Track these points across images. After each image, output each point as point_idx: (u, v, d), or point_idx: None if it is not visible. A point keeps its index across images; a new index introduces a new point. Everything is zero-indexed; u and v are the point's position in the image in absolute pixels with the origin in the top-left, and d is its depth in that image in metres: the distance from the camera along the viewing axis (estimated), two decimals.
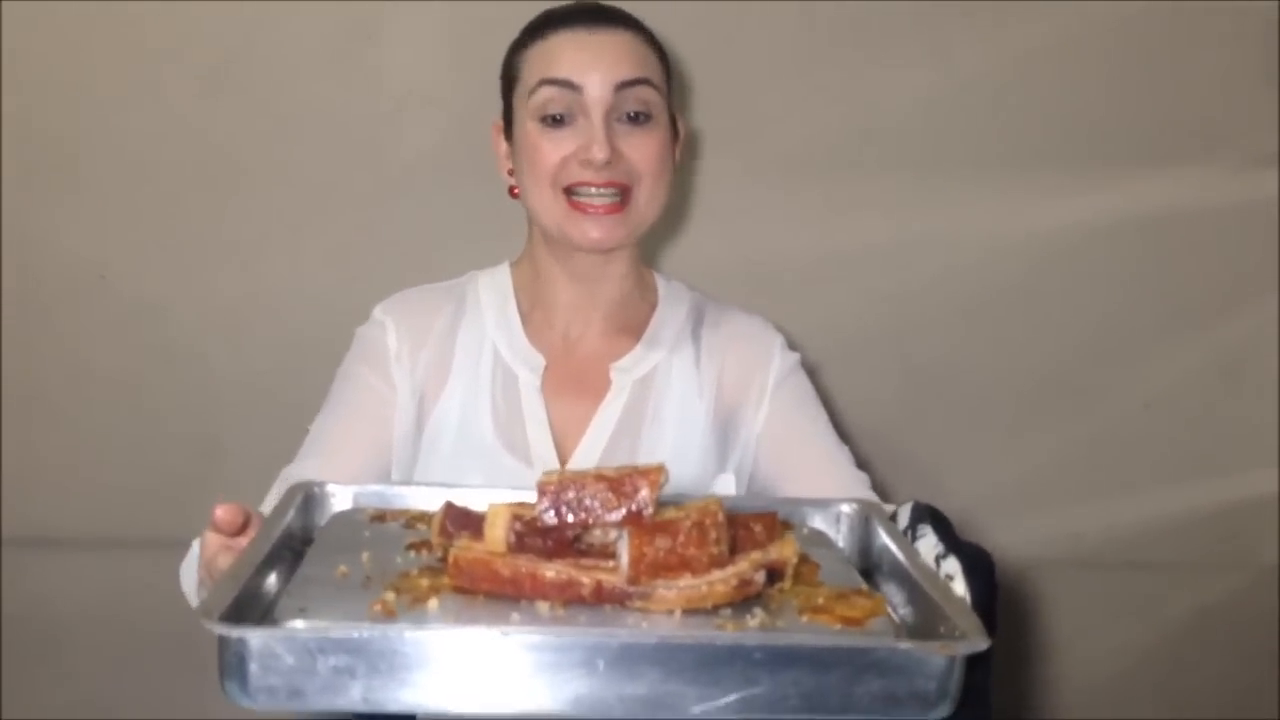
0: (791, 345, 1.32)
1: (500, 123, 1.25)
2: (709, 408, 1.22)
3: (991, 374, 1.76)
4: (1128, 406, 1.78)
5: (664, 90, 1.19)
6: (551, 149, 1.14)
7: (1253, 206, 1.71)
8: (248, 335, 1.70)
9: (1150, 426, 1.79)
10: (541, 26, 1.19)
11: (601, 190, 1.13)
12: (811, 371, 1.32)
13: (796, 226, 1.70)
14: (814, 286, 1.72)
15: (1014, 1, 1.64)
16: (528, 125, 1.16)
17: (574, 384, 1.22)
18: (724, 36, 1.64)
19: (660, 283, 1.31)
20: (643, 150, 1.15)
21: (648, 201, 1.16)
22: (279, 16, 1.61)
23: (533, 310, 1.25)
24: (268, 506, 1.12)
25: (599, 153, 1.12)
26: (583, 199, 1.14)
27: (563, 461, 1.17)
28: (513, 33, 1.57)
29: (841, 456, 1.23)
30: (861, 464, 1.26)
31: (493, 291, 1.26)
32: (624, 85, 1.14)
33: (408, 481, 1.19)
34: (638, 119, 1.15)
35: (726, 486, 1.21)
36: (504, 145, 1.24)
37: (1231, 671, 1.90)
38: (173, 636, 1.82)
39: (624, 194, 1.14)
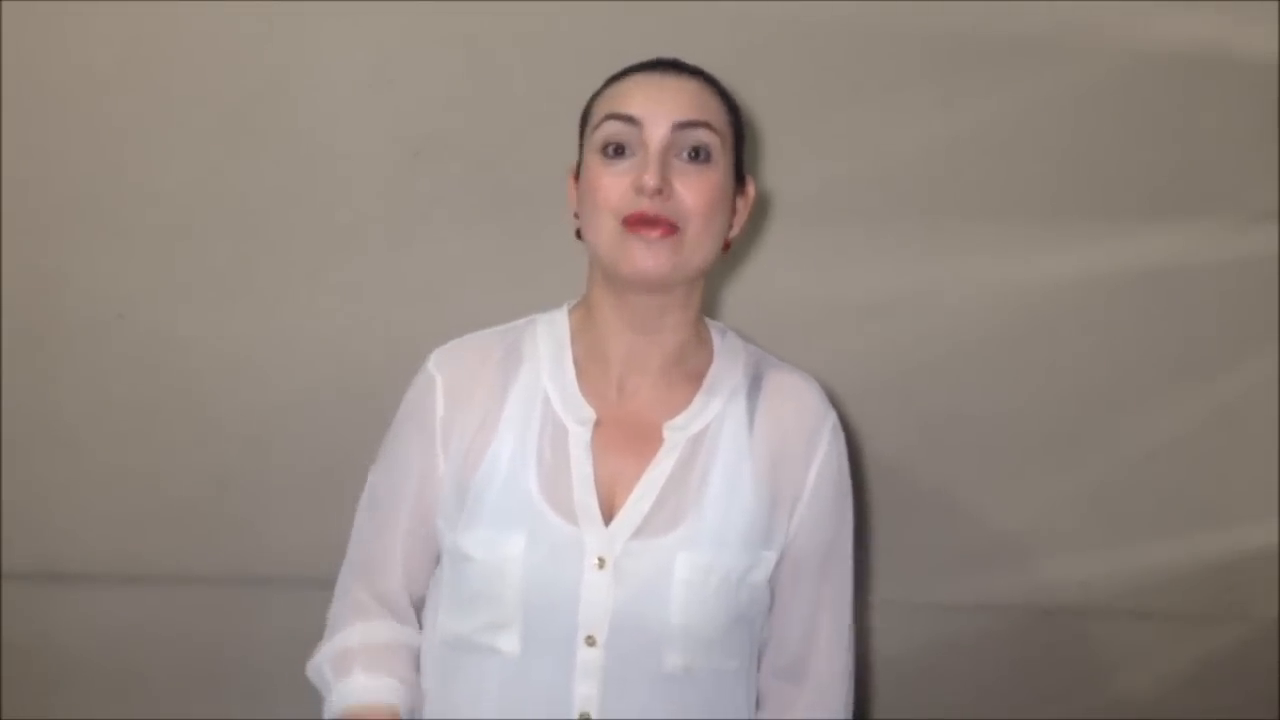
0: (839, 421, 1.31)
1: (574, 167, 1.26)
2: (756, 477, 1.21)
3: (996, 422, 1.77)
4: (1132, 456, 1.79)
5: (726, 137, 1.19)
6: (611, 181, 1.15)
7: (1254, 261, 1.73)
8: (263, 374, 1.71)
9: (1154, 476, 1.79)
10: (619, 75, 1.23)
11: (653, 220, 1.14)
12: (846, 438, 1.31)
13: (805, 274, 1.72)
14: (822, 332, 1.73)
15: (1021, 54, 1.66)
16: (590, 159, 1.18)
17: (625, 438, 1.20)
18: (736, 85, 1.67)
19: (716, 336, 1.29)
20: (697, 190, 1.15)
21: (696, 240, 1.16)
22: (299, 62, 1.64)
23: (588, 361, 1.24)
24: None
25: (650, 179, 1.12)
26: (637, 224, 1.14)
27: (608, 518, 1.17)
28: (529, 80, 1.62)
29: (830, 620, 1.26)
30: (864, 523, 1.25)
31: (550, 339, 1.25)
32: (682, 125, 1.15)
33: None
34: (696, 156, 1.16)
35: (768, 566, 1.21)
36: (574, 190, 1.25)
37: None
38: (183, 672, 1.84)
39: (673, 228, 1.14)
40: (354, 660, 1.21)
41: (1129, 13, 1.64)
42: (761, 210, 1.71)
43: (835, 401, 1.69)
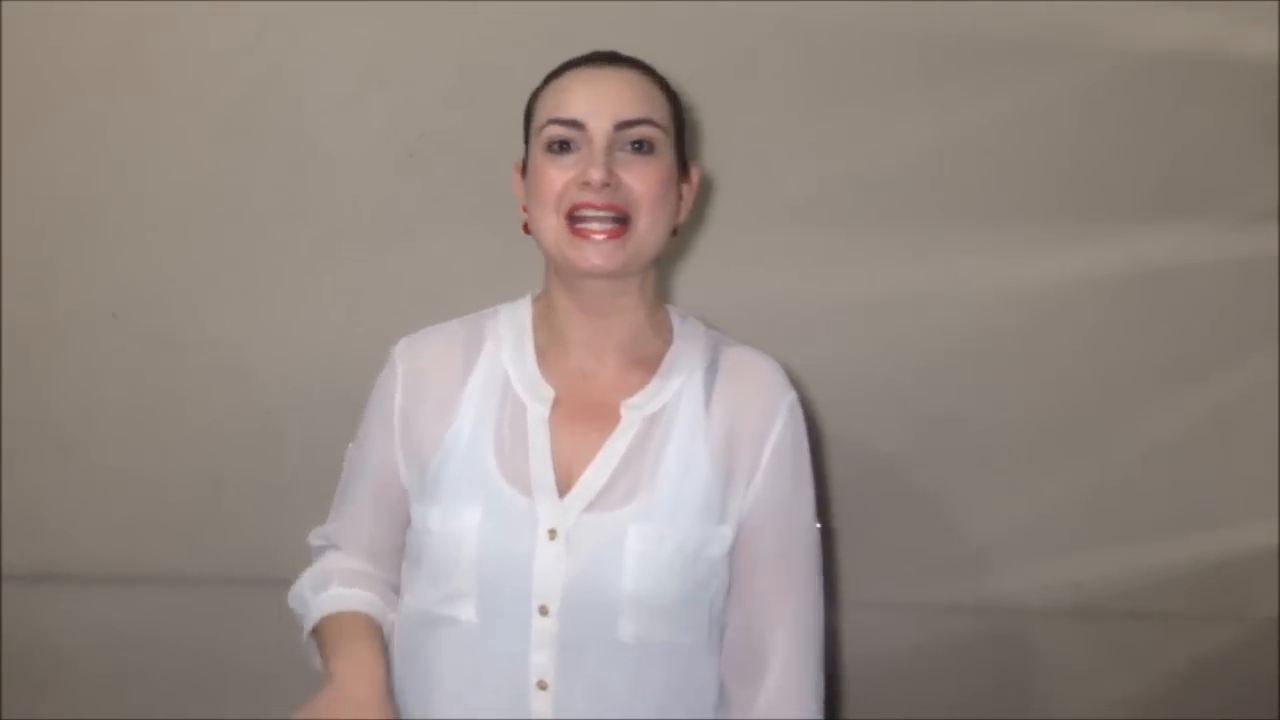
0: (801, 400, 1.29)
1: (520, 163, 1.29)
2: (712, 453, 1.22)
3: (993, 423, 1.77)
4: (1128, 457, 1.79)
5: (669, 130, 1.22)
6: (556, 174, 1.18)
7: (1252, 261, 1.72)
8: (258, 374, 1.72)
9: (1151, 477, 1.79)
10: (558, 70, 1.25)
11: (600, 213, 1.16)
12: (814, 420, 1.32)
13: (802, 275, 1.72)
14: (818, 334, 1.73)
15: (1019, 56, 1.66)
16: (537, 158, 1.21)
17: (584, 417, 1.23)
18: (730, 88, 1.67)
19: (676, 320, 1.31)
20: (643, 179, 1.18)
21: (647, 230, 1.18)
22: (293, 63, 1.64)
23: (549, 345, 1.27)
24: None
25: (595, 174, 1.15)
26: (584, 225, 1.17)
27: (563, 493, 1.19)
28: (522, 79, 1.61)
29: (791, 608, 1.24)
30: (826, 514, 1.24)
31: (512, 325, 1.29)
32: (625, 124, 1.18)
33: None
34: (640, 148, 1.18)
35: (724, 541, 1.22)
36: (521, 185, 1.28)
37: None
38: (179, 673, 1.84)
39: (623, 220, 1.17)
40: (331, 577, 1.26)
41: (1127, 14, 1.64)
42: (760, 211, 1.71)
43: (832, 402, 1.70)
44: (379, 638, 1.23)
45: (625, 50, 1.28)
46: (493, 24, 1.62)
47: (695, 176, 1.28)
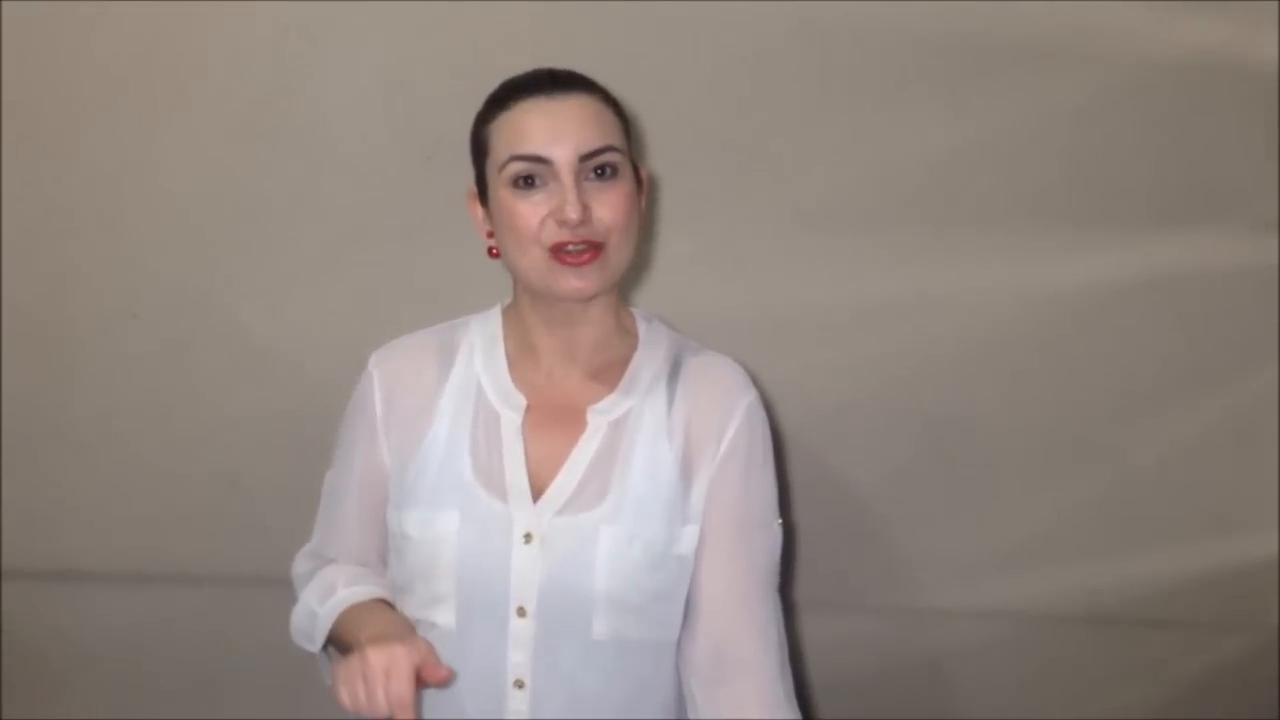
0: (766, 403, 1.35)
1: (474, 189, 1.33)
2: (676, 455, 1.28)
3: (1006, 429, 1.77)
4: (1143, 463, 1.79)
5: (625, 149, 1.26)
6: (529, 211, 1.22)
7: (1262, 269, 1.72)
8: (276, 375, 1.73)
9: (1165, 484, 1.79)
10: (504, 97, 1.27)
11: (578, 246, 1.21)
12: (778, 433, 1.36)
13: (815, 278, 1.73)
14: (831, 338, 1.73)
15: (1027, 61, 1.66)
16: (502, 193, 1.24)
17: (553, 422, 1.29)
18: (742, 89, 1.67)
19: (640, 325, 1.37)
20: (611, 206, 1.22)
21: (617, 252, 1.24)
22: (313, 64, 1.65)
23: (519, 353, 1.33)
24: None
25: (572, 213, 1.19)
26: (564, 254, 1.21)
27: (537, 497, 1.24)
28: None
29: (740, 572, 1.28)
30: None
31: (483, 334, 1.35)
32: (588, 155, 1.21)
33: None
34: (604, 174, 1.23)
35: (691, 539, 1.27)
36: (480, 210, 1.32)
37: None
38: (193, 672, 1.84)
39: (597, 246, 1.22)
40: (335, 585, 1.29)
41: (1136, 20, 1.64)
42: (773, 214, 1.71)
43: (845, 407, 1.70)
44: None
45: (642, 52, 1.29)
46: (513, 26, 1.62)
47: (645, 177, 1.33)
